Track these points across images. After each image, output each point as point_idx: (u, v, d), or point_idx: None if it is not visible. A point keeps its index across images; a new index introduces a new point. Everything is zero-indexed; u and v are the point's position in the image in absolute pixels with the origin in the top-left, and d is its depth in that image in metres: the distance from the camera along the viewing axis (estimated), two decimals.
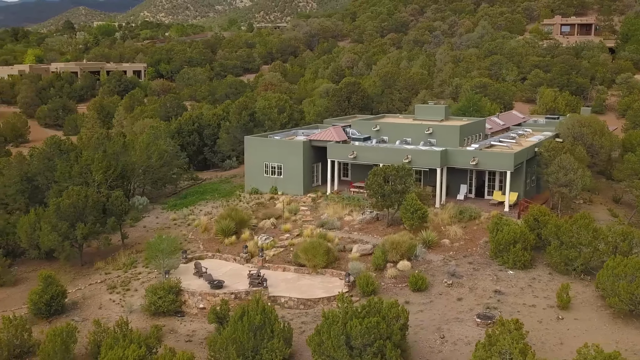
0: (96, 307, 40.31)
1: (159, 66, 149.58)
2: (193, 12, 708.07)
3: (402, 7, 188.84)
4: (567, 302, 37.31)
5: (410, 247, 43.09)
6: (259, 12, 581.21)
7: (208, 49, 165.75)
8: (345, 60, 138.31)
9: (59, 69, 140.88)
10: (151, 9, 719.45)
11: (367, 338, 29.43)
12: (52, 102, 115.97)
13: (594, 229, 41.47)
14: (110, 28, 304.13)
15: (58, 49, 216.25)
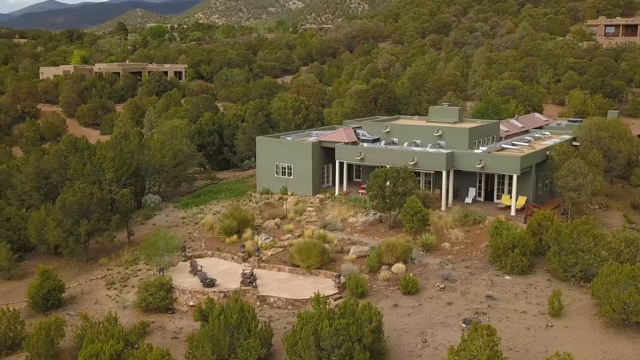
0: (92, 302, 41.28)
1: (200, 67, 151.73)
2: (246, 13, 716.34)
3: (445, 8, 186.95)
4: (558, 309, 36.48)
5: (406, 250, 42.76)
6: (310, 14, 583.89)
7: (249, 51, 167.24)
8: (382, 61, 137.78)
9: (102, 69, 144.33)
10: (205, 11, 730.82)
11: (335, 340, 29.38)
12: (92, 101, 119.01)
13: (594, 235, 40.42)
14: (162, 30, 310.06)
15: (107, 50, 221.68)
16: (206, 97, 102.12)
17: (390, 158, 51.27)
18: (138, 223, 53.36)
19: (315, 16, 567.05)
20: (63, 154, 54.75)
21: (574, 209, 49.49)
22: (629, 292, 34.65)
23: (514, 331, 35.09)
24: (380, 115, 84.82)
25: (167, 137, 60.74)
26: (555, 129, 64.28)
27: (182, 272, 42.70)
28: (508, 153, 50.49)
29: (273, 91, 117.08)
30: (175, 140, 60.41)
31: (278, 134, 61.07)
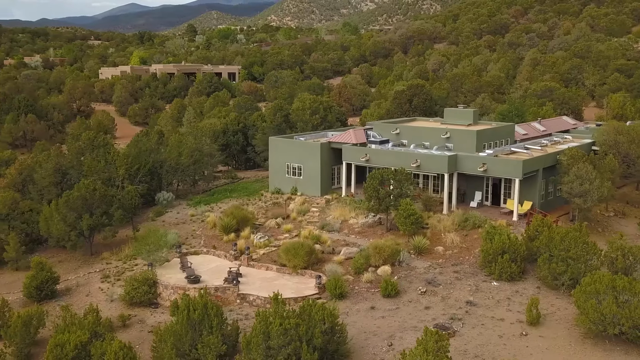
0: (85, 294, 42.70)
1: (252, 69, 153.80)
2: (318, 15, 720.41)
3: (505, 8, 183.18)
4: (536, 318, 35.49)
5: (394, 253, 42.38)
6: (381, 15, 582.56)
7: (302, 53, 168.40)
8: (432, 62, 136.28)
9: (158, 70, 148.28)
10: (278, 13, 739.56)
11: (282, 339, 29.50)
12: (143, 101, 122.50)
13: (584, 243, 39.04)
14: (229, 32, 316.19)
15: (171, 52, 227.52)
16: (247, 97, 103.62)
17: (394, 160, 50.84)
18: (149, 219, 54.73)
19: (386, 17, 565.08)
20: (81, 151, 56.72)
21: (581, 215, 47.83)
22: (606, 302, 33.35)
23: (485, 338, 34.34)
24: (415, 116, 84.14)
25: (186, 137, 61.92)
26: (581, 133, 62.19)
27: (174, 268, 43.62)
28: (513, 157, 49.24)
29: (318, 92, 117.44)
30: (194, 139, 61.51)
31: (292, 134, 61.42)
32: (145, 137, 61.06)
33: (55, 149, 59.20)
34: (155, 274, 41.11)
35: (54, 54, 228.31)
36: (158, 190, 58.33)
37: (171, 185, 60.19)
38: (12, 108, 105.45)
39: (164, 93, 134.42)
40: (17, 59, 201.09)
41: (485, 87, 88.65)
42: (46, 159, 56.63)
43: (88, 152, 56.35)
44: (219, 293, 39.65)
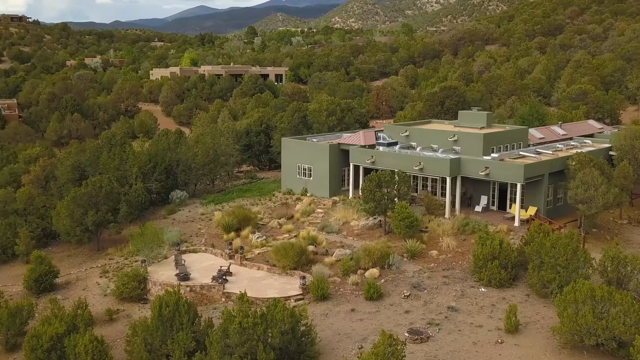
0: (82, 288, 44.02)
1: (299, 70, 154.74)
2: (382, 17, 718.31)
3: (561, 9, 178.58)
4: (514, 326, 34.68)
5: (383, 256, 42.12)
6: (446, 17, 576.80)
7: (352, 54, 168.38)
8: (479, 64, 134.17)
9: (206, 71, 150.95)
10: (342, 15, 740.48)
11: (238, 338, 29.80)
12: (187, 101, 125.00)
13: (574, 250, 37.88)
14: (289, 33, 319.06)
15: (227, 53, 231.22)
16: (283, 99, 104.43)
17: (398, 162, 50.50)
18: (161, 217, 55.91)
19: (450, 18, 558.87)
20: (99, 149, 58.43)
21: (587, 222, 46.37)
22: (582, 312, 32.35)
23: (458, 345, 33.78)
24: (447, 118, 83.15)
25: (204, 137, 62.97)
26: (606, 138, 60.17)
27: (170, 265, 44.48)
28: (519, 161, 48.15)
29: (357, 93, 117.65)
30: (212, 139, 62.50)
31: (305, 135, 61.63)
32: (165, 136, 62.38)
33: (75, 147, 61.07)
34: (146, 271, 42.04)
35: (113, 56, 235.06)
36: (174, 189, 59.42)
37: (188, 184, 61.21)
38: (60, 107, 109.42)
39: (210, 94, 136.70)
40: (77, 60, 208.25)
41: (520, 90, 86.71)
42: (67, 156, 58.48)
43: (105, 150, 57.92)
44: (205, 291, 40.26)
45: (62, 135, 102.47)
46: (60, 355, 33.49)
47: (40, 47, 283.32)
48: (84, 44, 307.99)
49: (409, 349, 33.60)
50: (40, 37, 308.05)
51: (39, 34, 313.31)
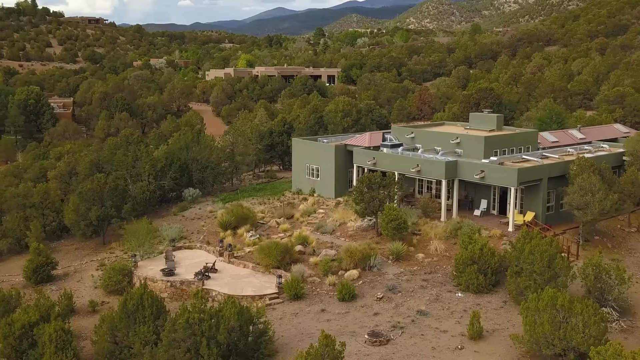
0: (77, 280, 45.73)
1: (351, 71, 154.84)
2: (458, 17, 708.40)
3: (628, 9, 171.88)
4: (478, 332, 34.05)
5: (365, 257, 41.97)
6: (523, 17, 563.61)
7: (409, 55, 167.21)
8: (532, 66, 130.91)
9: (260, 72, 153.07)
10: (417, 15, 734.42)
11: (182, 333, 30.43)
12: (235, 102, 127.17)
13: (552, 257, 36.74)
14: (357, 34, 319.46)
15: (289, 54, 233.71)
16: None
17: (397, 164, 50.21)
18: (172, 214, 57.33)
19: (528, 19, 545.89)
20: (117, 147, 60.43)
21: (585, 229, 44.81)
22: (540, 321, 31.45)
23: (416, 349, 33.41)
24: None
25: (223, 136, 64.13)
26: None
27: (162, 261, 45.60)
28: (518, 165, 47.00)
29: (401, 94, 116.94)
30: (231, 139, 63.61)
31: (317, 136, 61.83)
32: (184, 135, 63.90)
33: (96, 144, 63.32)
34: (136, 265, 43.30)
35: (178, 57, 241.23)
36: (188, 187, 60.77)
37: (204, 183, 62.43)
38: (110, 106, 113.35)
39: (261, 95, 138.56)
40: (143, 61, 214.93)
41: (558, 92, 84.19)
42: (87, 153, 60.73)
43: (122, 148, 59.84)
44: (184, 286, 41.17)
45: (110, 133, 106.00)
46: (31, 343, 34.96)
47: (113, 48, 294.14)
48: (155, 46, 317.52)
49: (366, 351, 33.58)
50: (114, 38, 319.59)
51: (114, 36, 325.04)
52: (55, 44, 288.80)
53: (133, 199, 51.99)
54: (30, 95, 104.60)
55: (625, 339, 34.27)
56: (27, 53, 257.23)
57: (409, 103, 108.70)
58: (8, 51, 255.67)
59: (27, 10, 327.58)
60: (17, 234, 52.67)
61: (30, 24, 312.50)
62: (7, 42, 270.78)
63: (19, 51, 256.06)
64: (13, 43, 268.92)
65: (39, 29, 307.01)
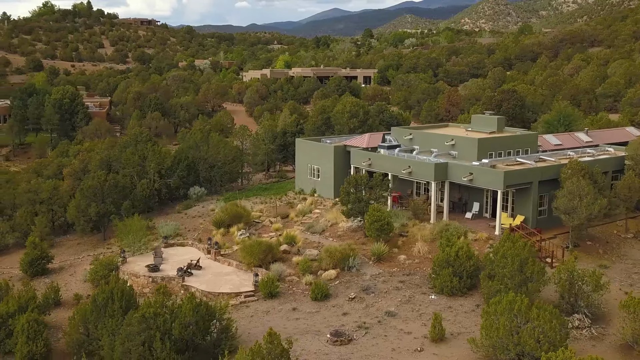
0: (70, 274, 47.20)
1: (387, 72, 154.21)
2: (514, 18, 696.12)
3: None
4: (439, 335, 33.92)
5: (344, 257, 42.13)
6: (581, 17, 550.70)
7: (448, 56, 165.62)
8: (570, 67, 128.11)
9: (296, 73, 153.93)
10: (472, 16, 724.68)
11: (137, 326, 31.22)
12: (267, 102, 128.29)
13: (522, 261, 36.20)
14: (405, 35, 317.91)
15: (333, 55, 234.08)
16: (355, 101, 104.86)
17: (391, 165, 50.17)
18: (175, 211, 58.53)
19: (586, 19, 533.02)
20: (127, 145, 61.98)
21: (574, 234, 43.90)
22: (496, 325, 31.15)
23: (376, 350, 33.47)
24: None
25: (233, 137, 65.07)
26: None
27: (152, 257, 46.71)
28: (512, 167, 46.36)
29: (431, 96, 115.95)
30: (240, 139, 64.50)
31: (320, 137, 62.06)
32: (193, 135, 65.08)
33: (107, 142, 65.09)
34: (125, 260, 44.49)
35: (223, 57, 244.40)
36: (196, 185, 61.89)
37: (211, 182, 63.43)
38: (144, 106, 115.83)
39: (295, 95, 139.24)
40: (188, 62, 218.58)
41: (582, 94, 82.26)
42: (98, 151, 62.48)
43: (131, 147, 61.35)
44: (164, 282, 42.04)
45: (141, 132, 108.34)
46: (8, 332, 36.41)
47: (163, 49, 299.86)
48: (204, 47, 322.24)
49: (326, 350, 33.80)
50: (165, 40, 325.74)
51: (165, 37, 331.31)
52: (108, 45, 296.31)
53: (133, 196, 53.23)
54: (65, 95, 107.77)
55: (593, 347, 33.70)
56: (79, 54, 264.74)
57: (437, 104, 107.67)
58: (61, 52, 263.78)
59: (82, 12, 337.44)
60: (24, 228, 54.55)
61: (84, 25, 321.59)
62: (62, 43, 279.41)
63: (71, 52, 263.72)
64: (67, 44, 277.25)
65: (92, 30, 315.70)
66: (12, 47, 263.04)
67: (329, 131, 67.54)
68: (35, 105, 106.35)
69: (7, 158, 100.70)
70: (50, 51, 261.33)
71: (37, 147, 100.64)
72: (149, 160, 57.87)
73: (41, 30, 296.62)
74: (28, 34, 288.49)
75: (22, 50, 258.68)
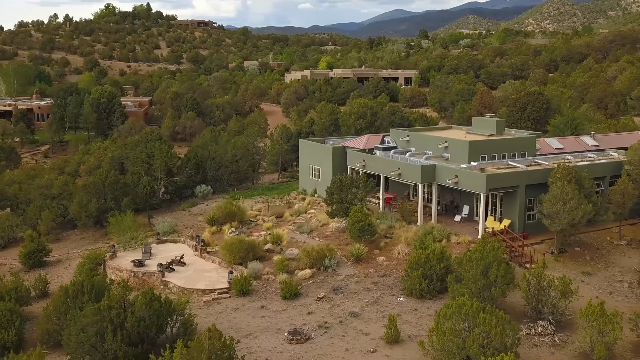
0: (64, 267, 48.87)
1: (429, 74, 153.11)
2: (581, 18, 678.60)
3: None
4: (394, 337, 33.84)
5: (320, 257, 42.35)
6: None
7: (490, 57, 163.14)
8: (613, 69, 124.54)
9: (337, 74, 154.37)
10: (536, 17, 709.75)
11: (91, 318, 32.24)
12: (302, 103, 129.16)
13: (487, 265, 35.72)
14: (460, 36, 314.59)
15: (380, 56, 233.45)
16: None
17: (382, 166, 50.11)
18: (180, 209, 59.82)
19: None
20: (137, 143, 63.67)
21: (559, 239, 42.94)
22: (442, 329, 30.91)
23: (330, 349, 33.65)
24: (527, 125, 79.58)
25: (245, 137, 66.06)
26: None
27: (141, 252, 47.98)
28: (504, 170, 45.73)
29: (466, 98, 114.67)
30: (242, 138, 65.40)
31: (323, 137, 62.32)
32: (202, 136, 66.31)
33: (119, 141, 66.94)
34: (113, 255, 45.84)
35: (272, 59, 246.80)
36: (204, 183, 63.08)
37: (219, 180, 64.50)
38: (181, 106, 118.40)
39: (332, 97, 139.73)
40: (237, 63, 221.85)
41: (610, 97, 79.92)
42: (112, 149, 64.38)
43: (142, 145, 63.00)
44: (146, 277, 43.13)
45: (176, 131, 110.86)
46: None
47: (217, 50, 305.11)
48: (258, 48, 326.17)
49: (281, 348, 34.16)
50: (220, 41, 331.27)
51: (220, 38, 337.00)
52: (164, 46, 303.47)
53: (134, 193, 54.67)
54: (103, 95, 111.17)
55: (551, 354, 33.10)
56: (135, 55, 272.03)
57: (469, 106, 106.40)
58: (118, 52, 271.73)
59: (141, 14, 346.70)
60: (34, 222, 56.70)
61: (142, 27, 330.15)
62: (119, 44, 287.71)
63: (128, 53, 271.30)
64: (124, 45, 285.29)
65: (150, 31, 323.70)
66: (72, 48, 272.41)
67: (337, 132, 67.69)
68: (74, 105, 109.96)
69: (46, 155, 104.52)
70: (107, 52, 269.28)
71: (73, 144, 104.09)
72: (155, 158, 59.24)
73: (101, 32, 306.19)
74: (88, 36, 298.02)
75: (81, 51, 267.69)
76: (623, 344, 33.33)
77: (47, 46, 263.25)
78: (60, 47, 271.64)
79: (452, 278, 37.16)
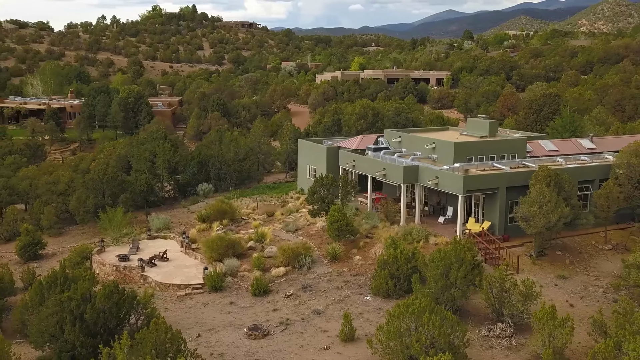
0: (57, 260, 50.30)
1: (460, 75, 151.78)
2: (636, 19, 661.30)
3: None
4: (349, 335, 34.14)
5: (295, 256, 42.83)
6: None
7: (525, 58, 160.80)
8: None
9: (367, 75, 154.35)
10: (590, 17, 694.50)
11: (52, 308, 33.42)
12: (328, 104, 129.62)
13: (447, 266, 35.66)
14: (505, 37, 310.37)
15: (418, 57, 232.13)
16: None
17: (369, 167, 50.30)
18: (180, 206, 61.06)
19: None
20: (143, 142, 65.18)
21: (537, 242, 42.46)
22: (387, 329, 31.09)
23: (285, 346, 34.12)
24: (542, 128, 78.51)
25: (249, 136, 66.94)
26: None
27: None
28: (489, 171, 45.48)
29: (490, 100, 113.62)
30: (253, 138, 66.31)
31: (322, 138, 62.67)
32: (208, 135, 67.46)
33: (126, 140, 68.55)
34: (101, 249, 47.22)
35: (310, 59, 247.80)
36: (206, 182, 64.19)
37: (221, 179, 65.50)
38: (207, 106, 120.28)
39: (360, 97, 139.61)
40: (274, 64, 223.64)
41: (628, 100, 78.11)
42: (119, 148, 66.07)
43: (147, 144, 64.48)
44: (127, 272, 44.29)
45: (201, 131, 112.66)
46: None
47: (259, 51, 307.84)
48: (300, 49, 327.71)
49: (239, 343, 34.80)
50: (262, 42, 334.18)
51: (263, 39, 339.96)
52: (207, 47, 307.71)
53: (132, 190, 56.06)
54: (131, 94, 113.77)
55: (505, 356, 32.91)
56: (178, 55, 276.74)
57: (492, 108, 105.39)
58: (162, 53, 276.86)
59: (186, 16, 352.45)
60: (38, 217, 58.65)
61: (187, 28, 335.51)
62: (163, 45, 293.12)
63: (171, 54, 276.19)
64: (167, 46, 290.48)
65: (194, 33, 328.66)
66: (118, 49, 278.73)
67: (339, 133, 68.01)
68: (102, 104, 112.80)
69: (74, 152, 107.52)
70: (151, 53, 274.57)
71: (100, 143, 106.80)
72: (158, 156, 60.61)
73: (146, 33, 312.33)
74: (134, 37, 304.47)
75: (126, 52, 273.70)
76: (581, 348, 32.94)
77: (93, 47, 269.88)
78: (106, 48, 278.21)
79: (417, 278, 37.16)
